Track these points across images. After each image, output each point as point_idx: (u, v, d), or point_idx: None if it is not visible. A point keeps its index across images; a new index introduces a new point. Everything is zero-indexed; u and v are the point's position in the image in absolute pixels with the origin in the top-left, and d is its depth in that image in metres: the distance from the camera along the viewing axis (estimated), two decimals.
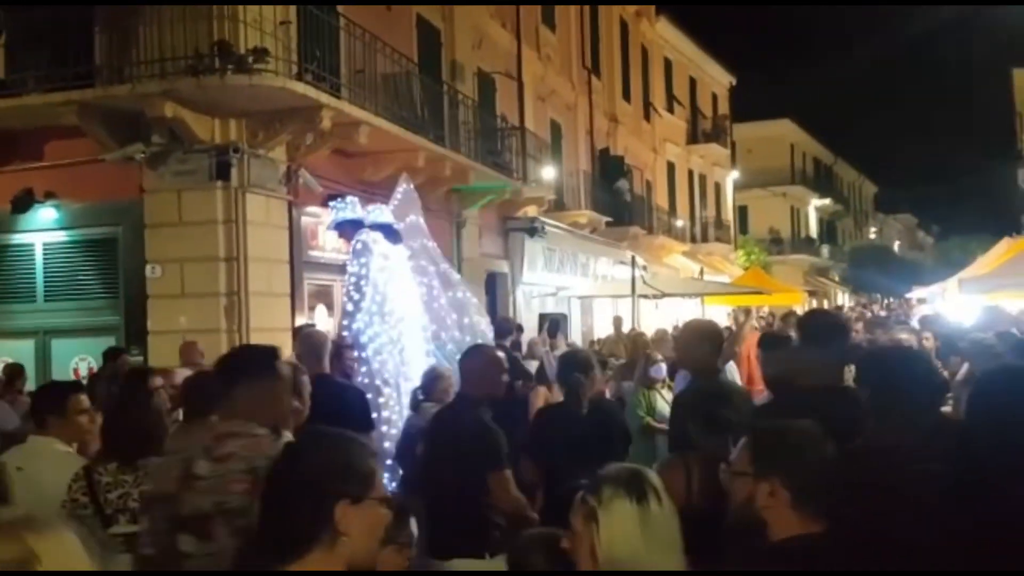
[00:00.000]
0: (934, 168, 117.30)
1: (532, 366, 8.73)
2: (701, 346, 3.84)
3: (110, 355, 8.00)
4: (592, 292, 17.50)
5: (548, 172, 16.74)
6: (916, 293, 23.04)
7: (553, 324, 12.09)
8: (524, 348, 9.58)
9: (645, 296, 15.98)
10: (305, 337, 5.02)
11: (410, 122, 10.68)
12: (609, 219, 19.55)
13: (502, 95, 15.75)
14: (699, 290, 18.55)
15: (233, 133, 8.93)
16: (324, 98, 8.80)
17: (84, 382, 6.67)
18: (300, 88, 8.46)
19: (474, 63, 14.53)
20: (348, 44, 9.95)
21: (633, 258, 14.80)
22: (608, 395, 6.53)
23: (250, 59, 8.14)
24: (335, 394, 4.78)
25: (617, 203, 20.43)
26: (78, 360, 9.38)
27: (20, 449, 3.84)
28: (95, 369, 8.45)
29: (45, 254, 9.61)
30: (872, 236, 54.68)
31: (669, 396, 6.26)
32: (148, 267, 8.98)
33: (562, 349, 8.68)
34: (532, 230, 15.67)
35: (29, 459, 3.62)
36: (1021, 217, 45.67)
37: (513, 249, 15.90)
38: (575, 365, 4.68)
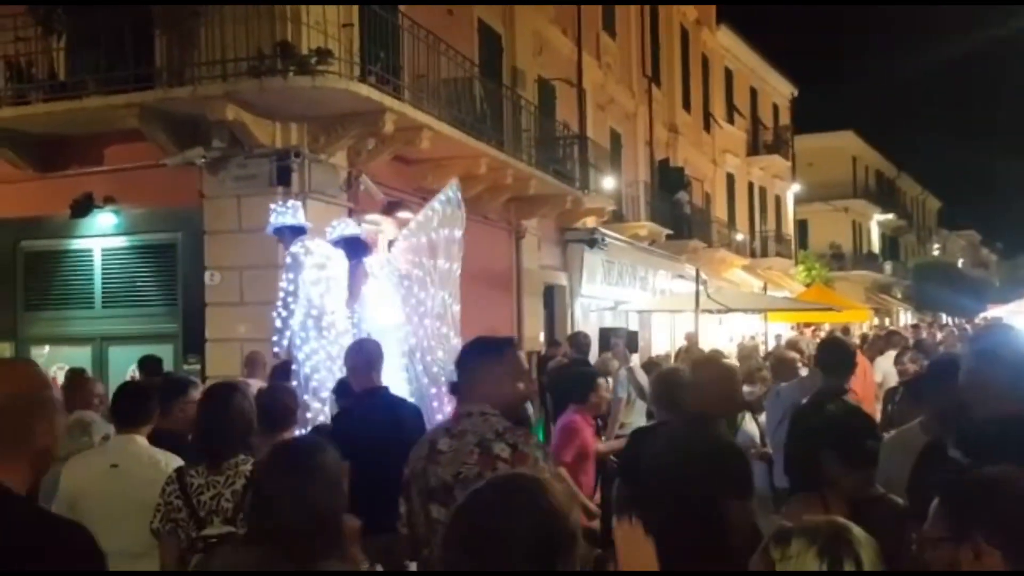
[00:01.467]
0: (1000, 183, 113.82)
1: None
2: (833, 358, 3.37)
3: (147, 365, 7.75)
4: (653, 306, 16.97)
5: (608, 182, 16.32)
6: (992, 312, 22.08)
7: (631, 340, 11.63)
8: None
9: (709, 311, 15.41)
10: (357, 347, 4.64)
11: (472, 127, 10.35)
12: (669, 232, 19.02)
13: (562, 103, 15.38)
14: (766, 305, 17.88)
15: (294, 137, 8.71)
16: (388, 101, 8.52)
17: None
18: (364, 90, 8.19)
19: (535, 70, 14.20)
20: (410, 46, 9.67)
21: (697, 272, 14.26)
22: None
23: (313, 60, 7.90)
24: (389, 406, 4.40)
25: (676, 215, 19.89)
26: (135, 368, 9.21)
27: (110, 446, 3.95)
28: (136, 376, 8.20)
29: (104, 260, 9.49)
30: (935, 252, 52.96)
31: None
32: (207, 274, 8.78)
33: (632, 365, 8.21)
34: (592, 241, 15.25)
35: (122, 457, 3.72)
36: None
37: (572, 261, 15.49)
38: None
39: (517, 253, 13.47)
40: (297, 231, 7.41)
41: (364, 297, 6.65)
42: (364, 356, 4.51)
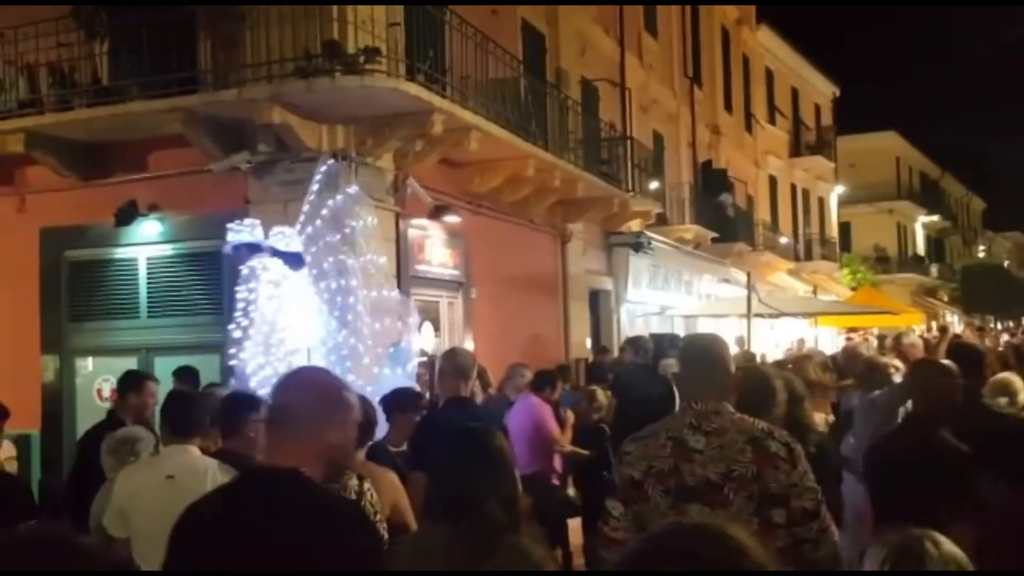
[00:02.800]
0: None
1: None
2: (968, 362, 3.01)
3: (182, 375, 7.53)
4: (703, 311, 16.52)
5: (653, 184, 15.93)
6: None
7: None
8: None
9: (760, 315, 14.92)
10: (449, 355, 4.39)
11: (520, 128, 10.05)
12: (715, 235, 18.56)
13: (605, 104, 15.03)
14: (820, 309, 17.34)
15: (341, 140, 8.46)
16: (437, 100, 8.24)
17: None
18: (413, 89, 7.92)
19: (578, 70, 13.88)
20: (458, 46, 9.39)
21: (749, 276, 13.79)
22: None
23: (361, 59, 7.65)
24: (471, 418, 4.15)
25: (720, 218, 19.43)
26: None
27: (164, 457, 3.83)
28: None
29: (149, 268, 9.31)
30: (980, 254, 51.66)
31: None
32: None
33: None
34: (638, 245, 14.86)
35: (178, 468, 3.60)
36: None
37: (617, 265, 15.11)
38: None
39: (563, 258, 13.13)
40: (254, 249, 7.27)
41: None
42: (453, 363, 4.37)
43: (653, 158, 16.46)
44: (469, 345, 10.38)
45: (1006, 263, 55.64)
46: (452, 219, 9.91)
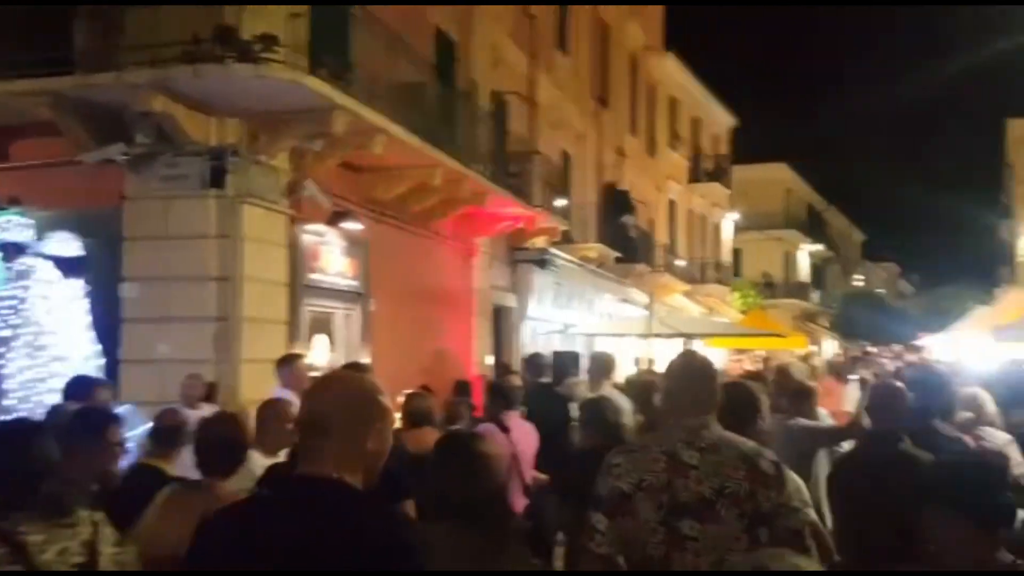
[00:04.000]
0: (921, 219, 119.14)
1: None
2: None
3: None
4: (604, 330, 16.38)
5: (559, 202, 15.71)
6: (923, 340, 22.31)
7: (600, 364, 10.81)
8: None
9: (659, 335, 14.87)
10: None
11: (429, 135, 9.56)
12: (618, 254, 18.52)
13: (515, 119, 14.72)
14: (718, 331, 17.51)
15: (231, 135, 7.77)
16: (340, 98, 7.67)
17: None
18: (314, 84, 7.32)
19: (489, 83, 13.50)
20: (365, 44, 8.83)
21: (652, 296, 13.72)
22: None
23: (256, 47, 7.01)
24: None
25: (623, 239, 19.44)
26: None
27: None
28: None
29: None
30: (858, 283, 54.24)
31: None
32: (124, 286, 7.74)
33: (608, 391, 7.42)
34: (543, 262, 14.60)
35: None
36: (1000, 269, 45.62)
37: (522, 281, 14.78)
38: None
39: (468, 272, 12.69)
40: (20, 248, 6.95)
41: None
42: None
43: (560, 176, 16.25)
44: (367, 359, 9.77)
45: (880, 291, 58.66)
46: (352, 226, 9.32)
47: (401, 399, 5.33)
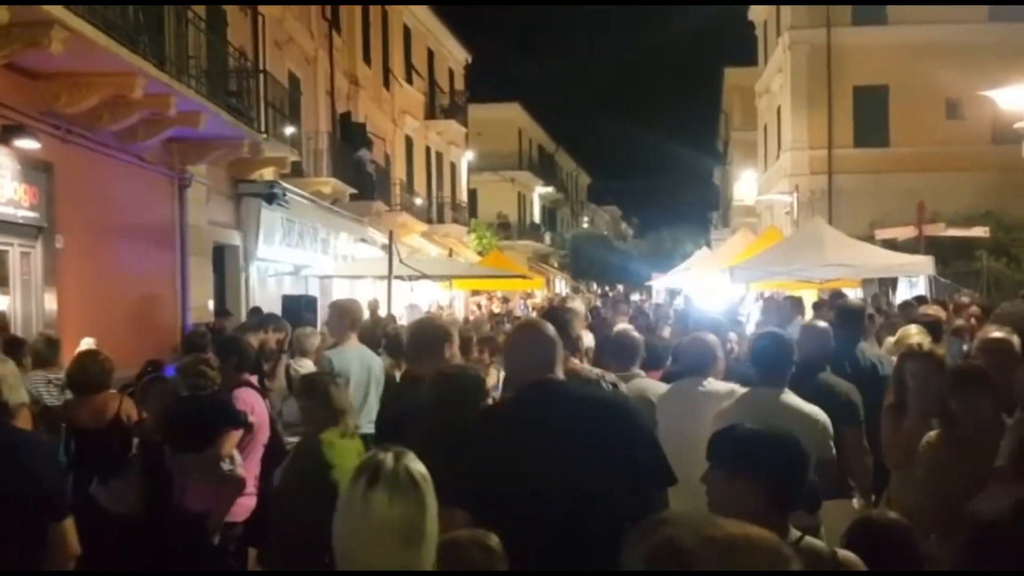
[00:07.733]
0: (643, 164, 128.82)
1: (304, 364, 6.72)
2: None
3: None
4: (340, 271, 15.47)
5: (288, 130, 14.43)
6: (658, 281, 23.70)
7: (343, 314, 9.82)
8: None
9: (400, 277, 14.28)
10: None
11: (127, 37, 8.02)
12: (354, 191, 17.56)
13: (235, 32, 13.14)
14: (462, 272, 17.24)
15: None
16: None
17: None
18: None
19: None
20: None
21: (392, 235, 13.00)
22: None
23: None
24: None
25: (359, 175, 18.47)
26: None
27: None
28: None
29: None
30: (585, 225, 57.48)
31: None
32: None
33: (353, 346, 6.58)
34: (271, 196, 13.31)
35: None
36: (711, 214, 50.40)
37: (247, 218, 13.43)
38: None
39: (181, 205, 11.17)
40: None
41: None
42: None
43: (289, 100, 14.90)
44: (52, 306, 8.20)
45: (605, 233, 62.69)
46: (27, 144, 7.65)
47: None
